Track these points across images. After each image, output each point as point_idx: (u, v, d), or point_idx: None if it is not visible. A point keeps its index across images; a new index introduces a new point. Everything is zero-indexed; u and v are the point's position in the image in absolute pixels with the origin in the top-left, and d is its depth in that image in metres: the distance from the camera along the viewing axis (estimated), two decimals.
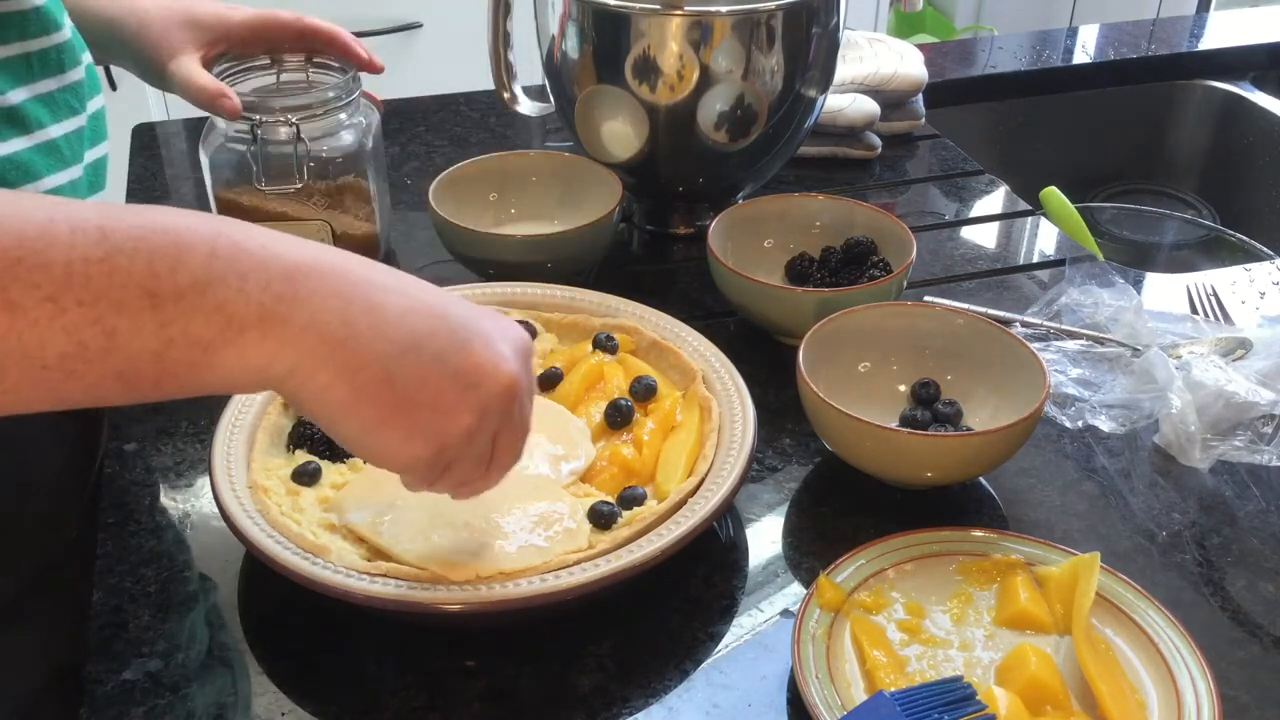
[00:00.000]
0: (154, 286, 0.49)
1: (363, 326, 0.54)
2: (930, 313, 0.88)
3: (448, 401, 0.56)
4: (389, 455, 0.57)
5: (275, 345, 0.52)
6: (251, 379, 0.53)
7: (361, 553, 0.69)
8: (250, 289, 0.51)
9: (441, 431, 0.56)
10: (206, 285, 0.50)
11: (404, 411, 0.55)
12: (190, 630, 0.70)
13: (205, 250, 0.50)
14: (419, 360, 0.55)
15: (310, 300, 0.53)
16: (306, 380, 0.53)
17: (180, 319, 0.49)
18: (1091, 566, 0.68)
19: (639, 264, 1.10)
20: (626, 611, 0.71)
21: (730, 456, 0.75)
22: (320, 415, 0.55)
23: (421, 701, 0.66)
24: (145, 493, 0.81)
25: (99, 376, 0.49)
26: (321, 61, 0.98)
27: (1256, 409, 0.84)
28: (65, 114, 0.72)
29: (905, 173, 1.25)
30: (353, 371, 0.53)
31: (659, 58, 0.96)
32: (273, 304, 0.52)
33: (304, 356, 0.53)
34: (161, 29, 0.91)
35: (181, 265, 0.49)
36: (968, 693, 0.62)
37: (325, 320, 0.53)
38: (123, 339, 0.49)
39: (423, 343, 0.55)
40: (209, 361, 0.51)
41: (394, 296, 0.55)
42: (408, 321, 0.55)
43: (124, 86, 2.07)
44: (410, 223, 1.12)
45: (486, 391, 0.56)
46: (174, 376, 0.51)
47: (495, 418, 0.58)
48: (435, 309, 0.57)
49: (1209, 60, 1.55)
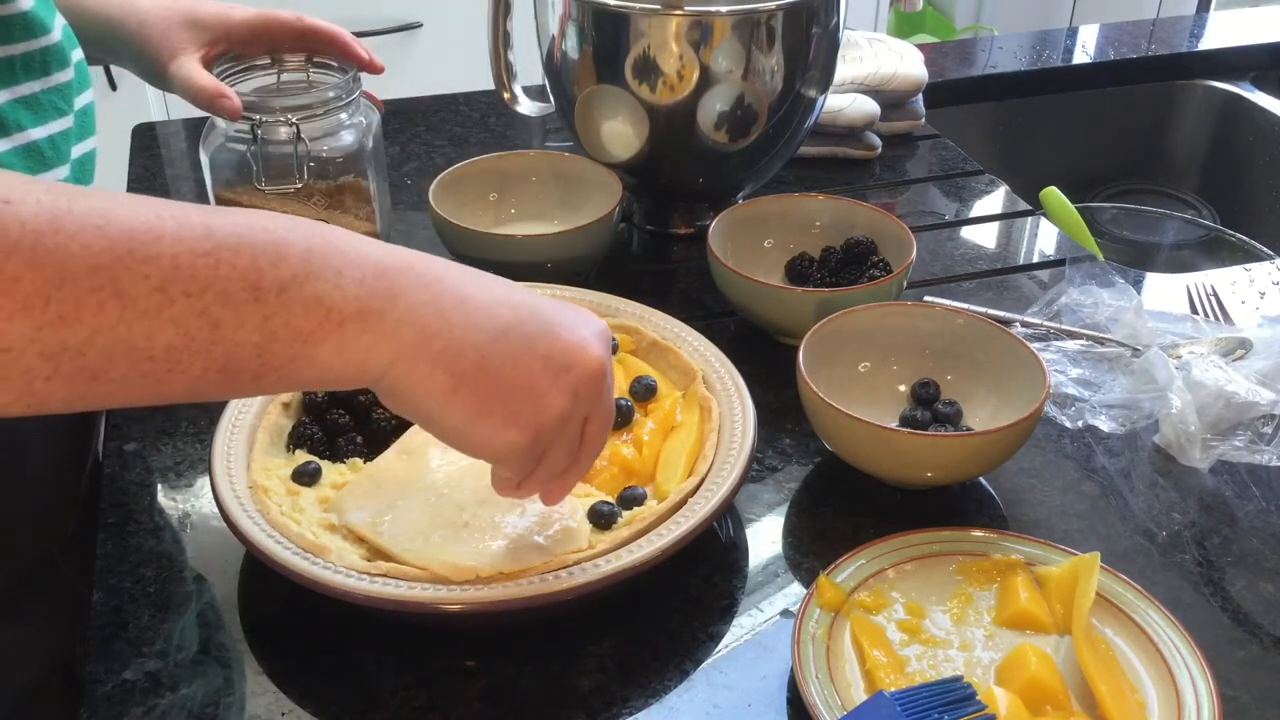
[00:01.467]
0: (257, 280, 0.51)
1: (455, 318, 0.56)
2: (930, 313, 0.88)
3: (541, 385, 0.57)
4: (488, 443, 0.58)
5: (373, 337, 0.54)
6: (352, 373, 0.55)
7: (361, 553, 0.69)
8: (346, 284, 0.53)
9: (537, 416, 0.58)
10: (305, 279, 0.52)
11: (501, 398, 0.57)
12: (190, 630, 0.70)
13: (303, 247, 0.52)
14: (510, 347, 0.57)
15: (404, 294, 0.55)
16: (406, 372, 0.55)
17: (282, 311, 0.51)
18: (1091, 566, 0.68)
19: (639, 264, 1.10)
20: (626, 611, 0.71)
21: (730, 456, 0.75)
22: (421, 407, 0.57)
23: (421, 701, 0.66)
24: (145, 493, 0.81)
25: (203, 369, 0.51)
26: (322, 61, 0.98)
27: (1256, 409, 0.84)
28: (51, 115, 0.72)
29: (905, 173, 1.25)
30: (450, 360, 0.55)
31: (659, 58, 0.96)
32: (368, 298, 0.54)
33: (402, 348, 0.55)
34: (162, 29, 0.91)
35: (282, 260, 0.52)
36: (968, 693, 0.62)
37: (420, 313, 0.55)
38: (227, 331, 0.50)
39: (512, 331, 0.57)
40: (309, 354, 0.53)
41: (479, 291, 0.58)
42: (496, 312, 0.57)
43: (124, 86, 2.07)
44: (410, 223, 1.12)
45: (577, 374, 0.58)
46: (274, 369, 0.53)
47: (586, 401, 0.59)
48: (519, 300, 0.59)
49: (1209, 60, 1.55)
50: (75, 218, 0.47)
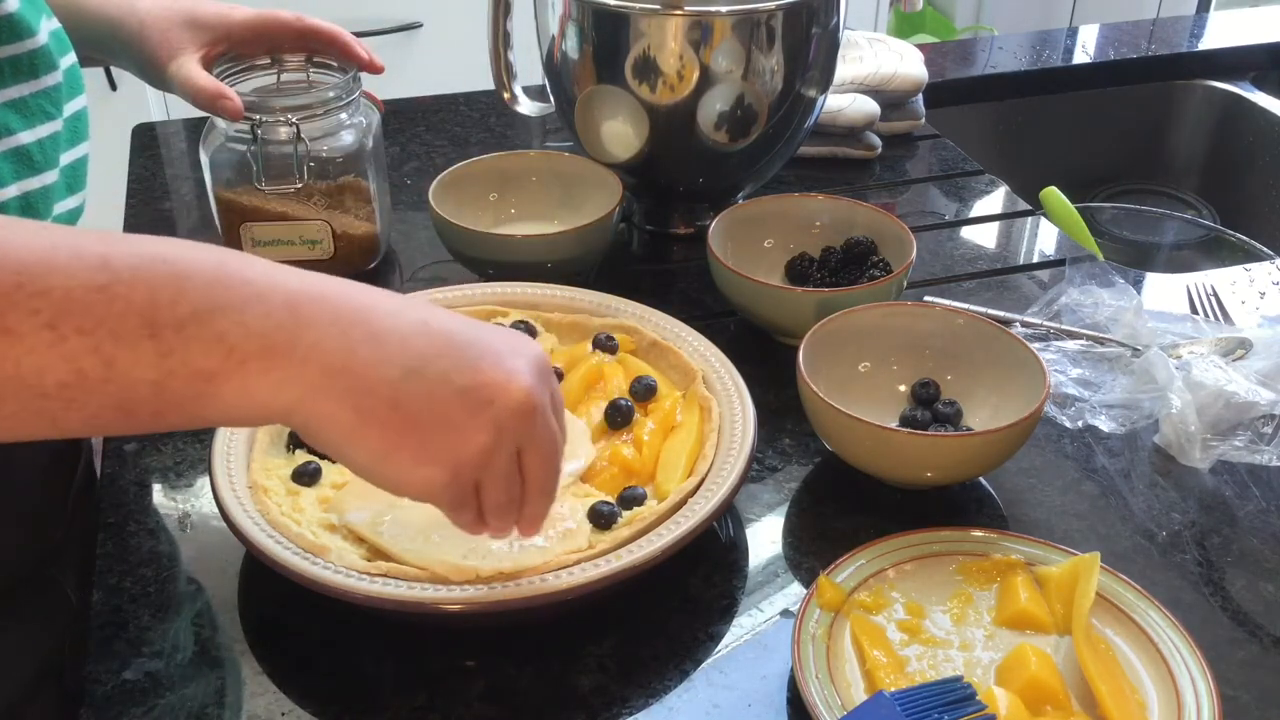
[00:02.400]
0: (154, 316, 0.49)
1: (364, 353, 0.53)
2: (930, 313, 0.88)
3: (457, 420, 0.55)
4: (404, 481, 0.56)
5: (278, 376, 0.52)
6: (256, 412, 0.52)
7: (361, 553, 0.69)
8: (250, 319, 0.51)
9: (454, 452, 0.55)
10: (207, 316, 0.50)
11: (412, 434, 0.54)
12: (190, 630, 0.70)
13: (206, 280, 0.50)
14: (424, 382, 0.54)
15: (311, 329, 0.52)
16: (313, 411, 0.53)
17: (180, 349, 0.49)
18: (1091, 566, 0.68)
19: (639, 264, 1.10)
20: (626, 611, 0.71)
21: (730, 456, 0.75)
22: (329, 445, 0.55)
23: (421, 701, 0.66)
24: (145, 493, 0.81)
25: (98, 406, 0.49)
26: (322, 61, 0.98)
27: (1256, 409, 0.84)
28: (39, 119, 0.71)
29: (905, 173, 1.25)
30: (356, 398, 0.53)
31: (659, 58, 0.96)
32: (274, 333, 0.51)
33: (306, 388, 0.52)
34: (162, 29, 0.91)
35: (182, 296, 0.49)
36: (968, 693, 0.62)
37: (326, 349, 0.52)
38: (122, 368, 0.48)
39: (428, 365, 0.54)
40: (212, 393, 0.51)
41: (397, 321, 0.55)
42: (411, 345, 0.54)
43: (124, 86, 2.07)
44: (410, 223, 1.12)
45: (500, 408, 0.55)
46: (175, 408, 0.50)
47: (513, 435, 0.56)
48: (440, 331, 0.56)
49: (1209, 60, 1.55)
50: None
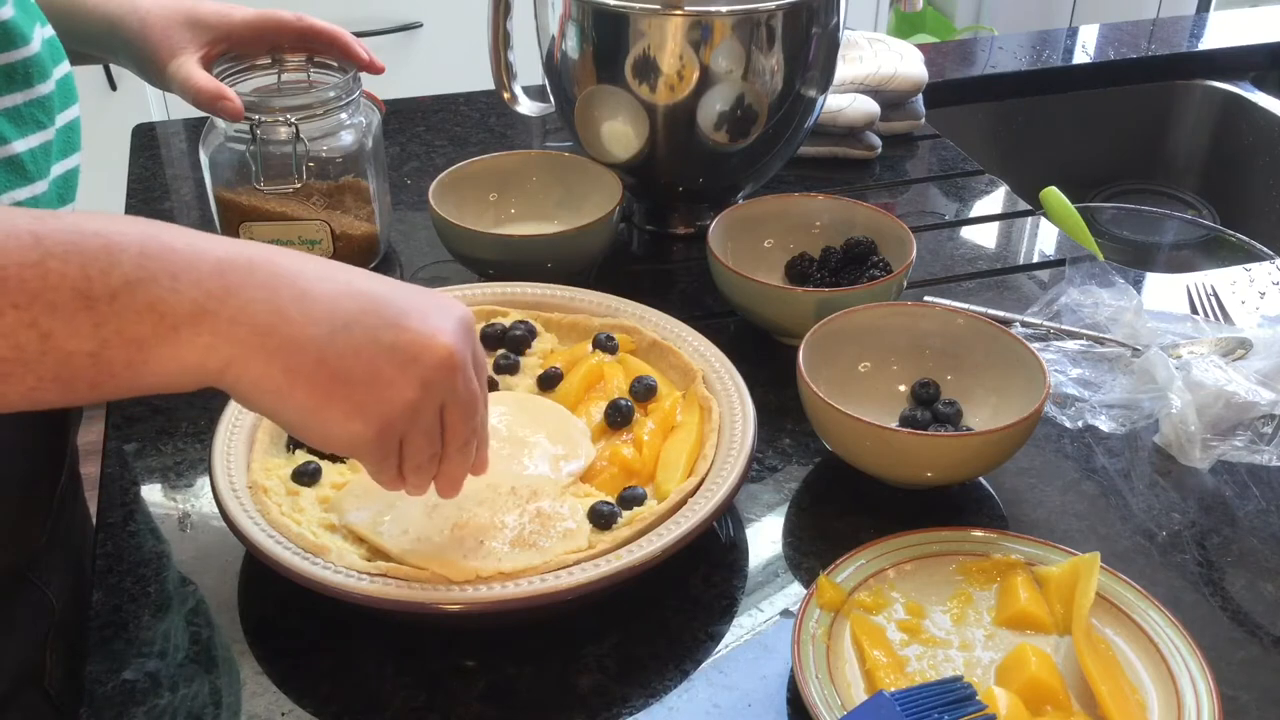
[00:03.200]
0: (87, 288, 0.50)
1: (292, 313, 0.55)
2: (930, 313, 0.88)
3: (385, 376, 0.56)
4: (333, 437, 0.58)
5: (209, 339, 0.53)
6: (189, 376, 0.54)
7: (361, 553, 0.69)
8: (182, 286, 0.52)
9: (382, 407, 0.57)
10: (138, 285, 0.51)
11: (341, 390, 0.56)
12: (190, 630, 0.70)
13: (136, 251, 0.52)
14: (351, 339, 0.56)
15: (240, 292, 0.54)
16: (242, 372, 0.54)
17: (114, 319, 0.51)
18: (1091, 566, 0.68)
19: (639, 264, 1.10)
20: (626, 611, 0.71)
21: (730, 456, 0.75)
22: (261, 404, 0.56)
23: (421, 701, 0.66)
24: (145, 493, 0.81)
25: (37, 379, 0.50)
26: (322, 61, 0.98)
27: (1256, 409, 0.84)
28: (32, 128, 0.71)
29: (905, 173, 1.25)
30: (285, 356, 0.55)
31: (659, 58, 0.96)
32: (204, 299, 0.53)
33: (236, 348, 0.54)
34: (162, 29, 0.90)
35: (114, 267, 0.51)
36: (968, 693, 0.62)
37: (255, 310, 0.54)
38: (58, 341, 0.50)
39: (354, 323, 0.56)
40: (145, 360, 0.52)
41: (324, 284, 0.57)
42: (338, 305, 0.56)
43: (124, 86, 2.08)
44: (410, 223, 1.12)
45: (425, 364, 0.57)
46: (111, 377, 0.52)
47: (438, 390, 0.58)
48: (366, 291, 0.58)
49: (1209, 60, 1.55)
50: None
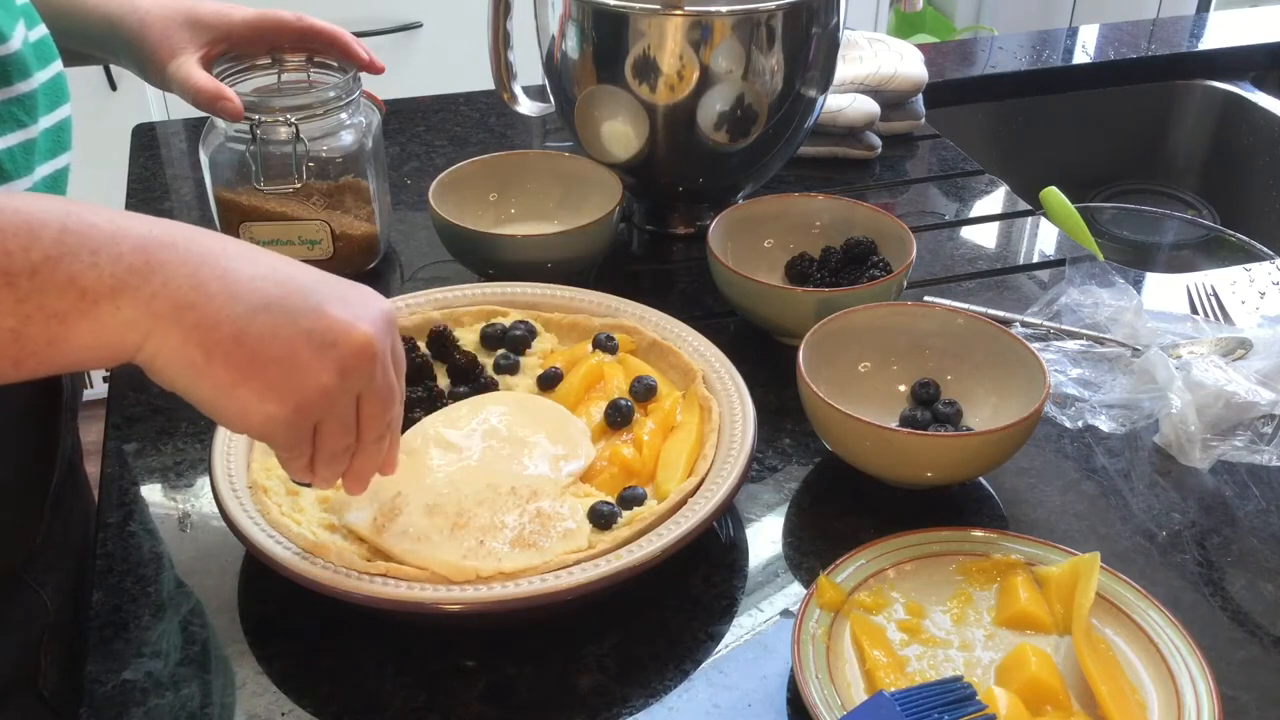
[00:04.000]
0: (7, 265, 0.51)
1: (213, 289, 0.55)
2: (930, 313, 0.88)
3: (301, 358, 0.56)
4: (246, 416, 0.57)
5: (129, 315, 0.53)
6: (108, 351, 0.54)
7: (361, 553, 0.69)
8: (103, 262, 0.53)
9: (297, 389, 0.57)
10: (59, 260, 0.52)
11: (257, 369, 0.56)
12: (190, 630, 0.70)
13: (57, 227, 0.52)
14: (270, 319, 0.56)
15: (162, 269, 0.54)
16: (160, 346, 0.55)
17: (36, 295, 0.51)
18: (1091, 566, 0.68)
19: (639, 264, 1.10)
20: (626, 611, 0.71)
21: (730, 456, 0.75)
22: (176, 380, 0.56)
23: (421, 701, 0.66)
24: (145, 493, 0.81)
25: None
26: (322, 61, 0.98)
27: (1256, 409, 0.84)
28: (10, 128, 0.71)
29: (905, 173, 1.25)
30: (203, 332, 0.55)
31: (659, 58, 0.96)
32: (125, 275, 0.53)
33: (156, 322, 0.54)
34: (162, 28, 0.90)
35: (35, 243, 0.51)
36: (968, 693, 0.62)
37: (176, 286, 0.54)
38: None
39: (274, 304, 0.56)
40: (65, 335, 0.53)
41: (246, 265, 0.57)
42: (259, 286, 0.56)
43: (124, 86, 2.08)
44: (410, 223, 1.12)
45: (342, 350, 0.57)
46: (33, 354, 0.52)
47: (355, 378, 0.58)
48: (289, 276, 0.58)
49: (1209, 60, 1.55)
50: None
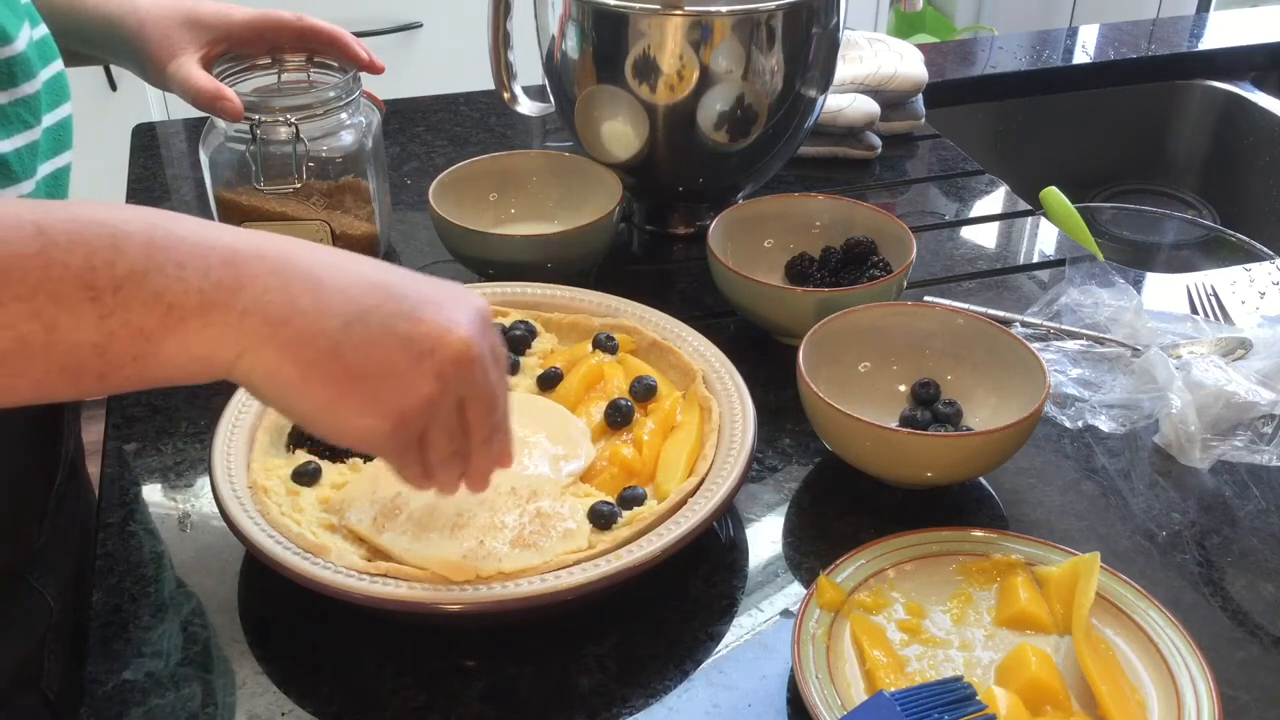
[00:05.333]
0: (91, 279, 0.49)
1: (305, 304, 0.53)
2: (930, 313, 0.88)
3: (400, 369, 0.55)
4: (348, 431, 0.56)
5: (218, 331, 0.52)
6: (199, 367, 0.53)
7: (361, 553, 0.69)
8: (189, 276, 0.51)
9: (398, 401, 0.55)
10: (144, 275, 0.50)
11: (356, 384, 0.54)
12: (190, 630, 0.70)
13: (142, 240, 0.51)
14: (366, 331, 0.54)
15: (251, 284, 0.53)
16: (255, 364, 0.53)
17: (120, 310, 0.50)
18: (1091, 566, 0.68)
19: (639, 264, 1.10)
20: (626, 611, 0.71)
21: (730, 456, 0.75)
22: (274, 398, 0.55)
23: (421, 701, 0.66)
24: (145, 493, 0.81)
25: (44, 372, 0.50)
26: (322, 62, 0.98)
27: (1256, 409, 0.84)
28: (17, 128, 0.70)
29: (905, 173, 1.25)
30: (298, 348, 0.53)
31: (659, 58, 0.96)
32: (212, 290, 0.52)
33: (248, 339, 0.52)
34: (162, 29, 0.90)
35: (119, 257, 0.50)
36: (968, 693, 0.62)
37: (267, 301, 0.53)
38: (64, 333, 0.49)
39: (368, 314, 0.54)
40: (153, 352, 0.51)
41: (337, 274, 0.55)
42: (352, 295, 0.55)
43: (124, 86, 2.08)
44: (410, 223, 1.12)
45: (441, 357, 0.55)
46: (119, 369, 0.51)
47: (456, 384, 0.56)
48: (382, 282, 0.56)
49: (1209, 60, 1.55)
50: None
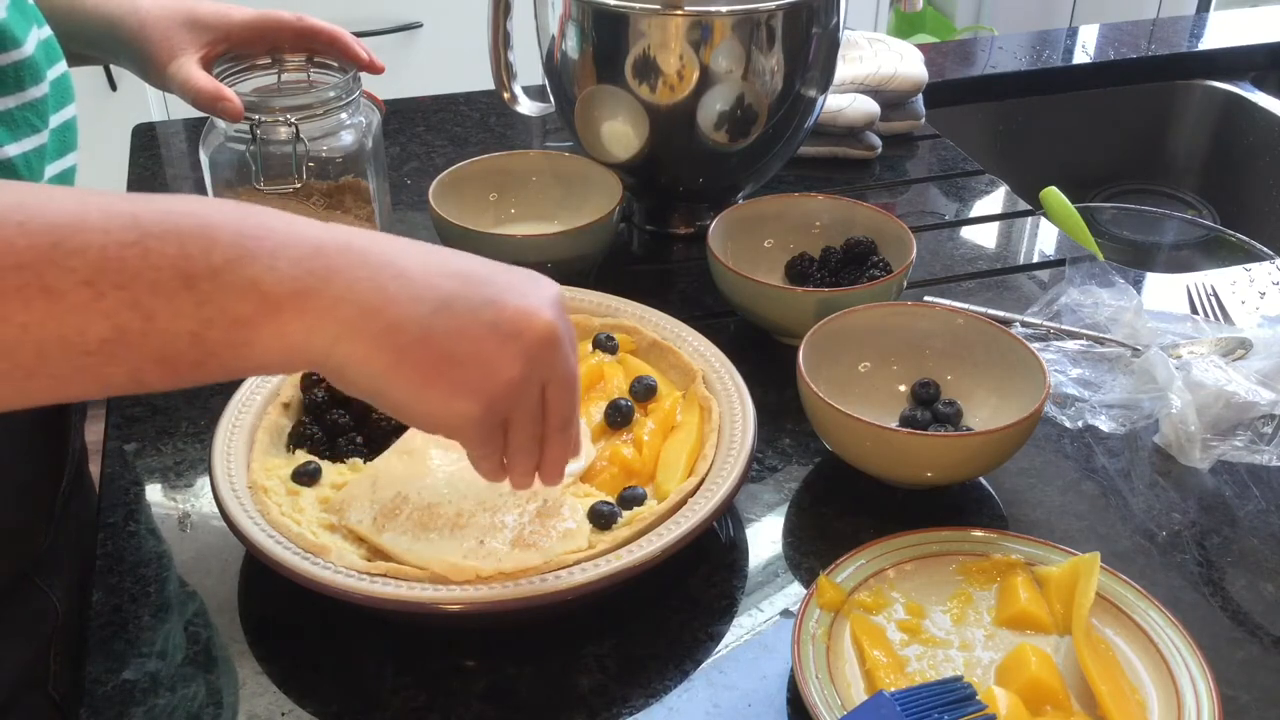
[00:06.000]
0: (187, 267, 0.50)
1: (395, 292, 0.55)
2: (930, 313, 0.88)
3: (488, 353, 0.56)
4: (439, 416, 0.57)
5: (312, 319, 0.53)
6: (295, 356, 0.54)
7: (361, 553, 0.69)
8: (281, 265, 0.52)
9: (487, 384, 0.56)
10: (238, 263, 0.51)
11: (446, 368, 0.56)
12: (190, 630, 0.70)
13: (234, 230, 0.51)
14: (454, 316, 0.56)
15: (342, 273, 0.54)
16: (349, 352, 0.54)
17: (216, 297, 0.50)
18: (1091, 566, 0.68)
19: (639, 264, 1.10)
20: (626, 611, 0.71)
21: (730, 456, 0.75)
22: (366, 386, 0.56)
23: (421, 701, 0.66)
24: (145, 493, 0.81)
25: (140, 360, 0.50)
26: (322, 62, 0.98)
27: (1256, 409, 0.84)
28: (25, 132, 0.71)
29: (905, 173, 1.25)
30: (390, 335, 0.54)
31: (659, 58, 0.96)
32: (305, 278, 0.53)
33: (342, 328, 0.53)
34: (162, 29, 0.90)
35: (214, 246, 0.51)
36: (968, 693, 0.62)
37: (359, 290, 0.54)
38: (161, 321, 0.50)
39: (455, 300, 0.56)
40: (248, 340, 0.52)
41: (420, 263, 0.57)
42: (437, 283, 0.56)
43: (124, 86, 2.08)
44: (410, 223, 1.12)
45: (527, 340, 0.57)
46: (215, 357, 0.52)
47: (540, 367, 0.58)
48: (464, 270, 0.58)
49: (1209, 60, 1.55)
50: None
